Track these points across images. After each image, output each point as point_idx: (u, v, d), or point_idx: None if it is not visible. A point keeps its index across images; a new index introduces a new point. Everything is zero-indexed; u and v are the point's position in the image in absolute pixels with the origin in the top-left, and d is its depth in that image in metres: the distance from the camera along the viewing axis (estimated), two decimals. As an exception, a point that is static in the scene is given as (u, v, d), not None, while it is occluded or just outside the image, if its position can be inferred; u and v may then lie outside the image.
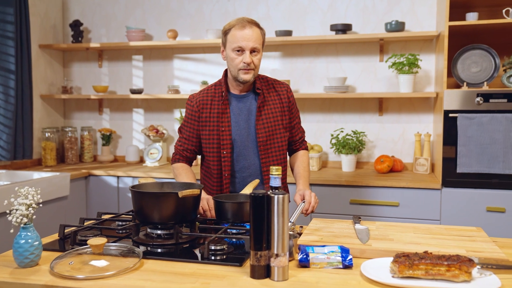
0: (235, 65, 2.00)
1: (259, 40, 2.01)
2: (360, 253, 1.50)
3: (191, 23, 3.92)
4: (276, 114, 2.12)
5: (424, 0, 3.47)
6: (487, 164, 2.87)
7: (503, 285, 1.24)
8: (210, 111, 2.09)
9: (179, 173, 2.13)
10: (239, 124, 2.08)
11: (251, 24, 1.99)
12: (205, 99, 2.11)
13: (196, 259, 1.47)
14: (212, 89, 2.15)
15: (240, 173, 2.10)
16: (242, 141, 2.08)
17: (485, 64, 3.07)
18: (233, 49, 1.99)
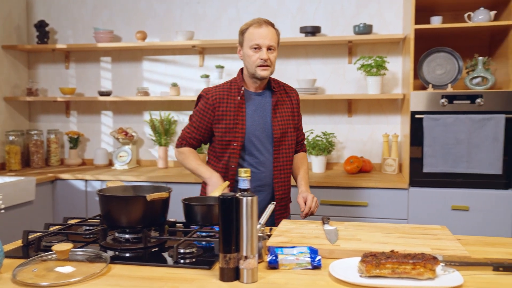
0: (253, 62, 2.08)
1: (275, 39, 2.10)
2: (329, 253, 1.51)
3: (161, 25, 3.89)
4: (288, 114, 2.23)
5: (391, 4, 3.54)
6: (451, 164, 2.94)
7: (465, 281, 1.28)
8: (226, 105, 2.14)
9: (187, 156, 2.20)
10: (254, 120, 2.16)
11: (267, 24, 2.09)
12: (221, 95, 2.16)
13: (165, 263, 1.46)
14: (227, 85, 2.21)
15: (248, 165, 2.17)
16: (256, 137, 2.16)
17: (449, 67, 3.15)
18: (250, 46, 2.07)
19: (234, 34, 3.78)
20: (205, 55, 3.86)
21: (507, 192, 2.91)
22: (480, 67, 3.06)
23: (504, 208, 2.90)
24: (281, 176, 2.21)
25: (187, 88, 3.90)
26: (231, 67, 3.82)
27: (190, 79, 3.90)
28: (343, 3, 3.61)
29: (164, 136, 3.81)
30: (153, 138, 3.89)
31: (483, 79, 3.07)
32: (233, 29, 3.78)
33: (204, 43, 3.63)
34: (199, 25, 3.84)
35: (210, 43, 3.62)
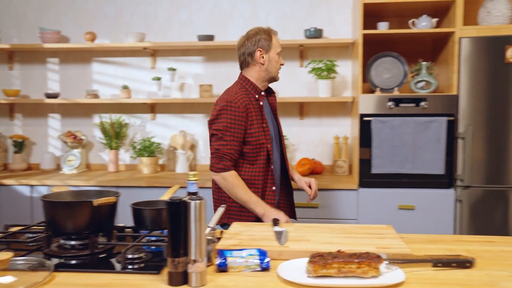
0: (278, 66, 2.30)
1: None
2: (278, 255, 1.53)
3: (110, 26, 3.81)
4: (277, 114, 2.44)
5: (340, 10, 3.63)
6: (398, 165, 3.05)
7: (407, 278, 1.33)
8: (252, 110, 2.23)
9: (237, 184, 2.16)
10: (270, 121, 2.33)
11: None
12: (246, 100, 2.22)
13: (112, 269, 1.43)
14: (243, 91, 2.26)
15: (275, 165, 2.31)
16: (274, 136, 2.32)
17: (396, 71, 3.26)
18: (278, 52, 2.28)
19: (187, 37, 3.76)
20: (157, 57, 3.82)
21: (449, 191, 3.05)
22: (424, 72, 3.19)
23: (447, 206, 3.03)
24: (286, 175, 2.42)
25: (138, 90, 3.84)
26: (183, 69, 3.79)
27: (141, 81, 3.84)
28: (294, 8, 3.67)
29: (115, 139, 3.74)
30: (104, 142, 3.80)
31: (427, 83, 3.20)
32: (185, 31, 3.76)
33: (156, 45, 3.59)
34: (151, 27, 3.79)
35: (162, 45, 3.58)
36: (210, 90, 3.58)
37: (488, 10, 3.11)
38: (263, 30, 2.28)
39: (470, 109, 3.00)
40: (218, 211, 1.69)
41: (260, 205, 2.14)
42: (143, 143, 3.65)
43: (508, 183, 3.00)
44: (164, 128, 3.86)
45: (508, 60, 2.94)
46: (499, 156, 3.00)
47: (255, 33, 2.27)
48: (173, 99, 3.62)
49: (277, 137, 2.35)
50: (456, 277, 1.35)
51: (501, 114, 2.98)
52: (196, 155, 3.84)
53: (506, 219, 3.01)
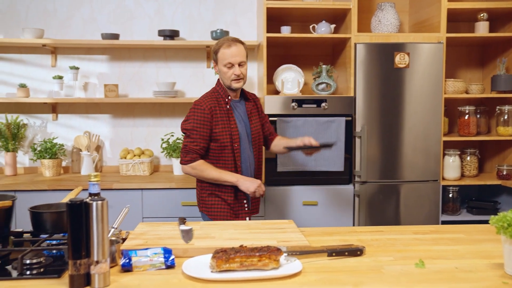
0: (228, 77, 2.40)
1: (244, 54, 2.41)
2: (183, 252, 1.56)
3: (4, 20, 3.58)
4: (257, 117, 2.57)
5: (245, 13, 3.72)
6: (301, 163, 3.20)
7: (304, 267, 1.42)
8: (218, 112, 2.40)
9: (206, 167, 2.37)
10: (241, 123, 2.46)
11: (236, 42, 2.40)
12: (213, 103, 2.41)
13: (10, 277, 1.37)
14: (214, 95, 2.46)
15: (244, 163, 2.46)
16: (244, 137, 2.45)
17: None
18: (224, 65, 2.38)
19: (89, 34, 3.64)
20: (58, 55, 3.65)
21: (349, 186, 3.26)
22: (324, 74, 3.38)
23: (346, 201, 3.24)
24: (260, 170, 2.58)
25: (37, 89, 3.65)
26: (87, 68, 3.67)
27: (41, 80, 3.65)
28: (200, 9, 3.70)
29: (12, 141, 3.51)
30: (-1, 144, 3.56)
31: (327, 85, 3.40)
32: (88, 29, 3.64)
33: (56, 43, 3.43)
34: (49, 23, 3.62)
35: (63, 42, 3.44)
36: (115, 90, 3.50)
37: (378, 19, 3.38)
38: (218, 42, 2.43)
39: (365, 110, 3.24)
40: (123, 211, 1.68)
41: (232, 175, 2.37)
42: (44, 144, 3.47)
43: (399, 178, 3.28)
44: (67, 128, 3.70)
45: (397, 65, 3.22)
46: (391, 153, 3.27)
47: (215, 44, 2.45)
48: (77, 98, 3.49)
49: (248, 138, 2.48)
50: (348, 264, 1.47)
51: (392, 114, 3.25)
52: (102, 157, 3.73)
53: (397, 211, 3.28)
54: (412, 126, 3.26)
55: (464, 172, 3.54)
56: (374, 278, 1.35)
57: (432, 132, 3.28)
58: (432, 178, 3.30)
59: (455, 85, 3.42)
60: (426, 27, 3.52)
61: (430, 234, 1.84)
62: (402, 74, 3.23)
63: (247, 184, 2.34)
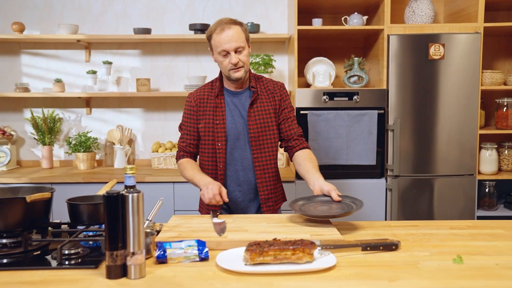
0: (225, 66, 2.07)
1: (241, 38, 2.04)
2: (216, 245, 1.57)
3: (40, 17, 3.67)
4: (270, 111, 2.17)
5: (276, 5, 3.70)
6: (333, 156, 3.17)
7: (338, 261, 1.41)
8: (206, 105, 2.15)
9: (184, 167, 2.16)
10: (234, 119, 2.15)
11: (229, 25, 2.03)
12: (201, 95, 2.17)
13: (49, 266, 1.41)
14: (209, 86, 2.21)
15: (233, 166, 2.16)
16: (236, 135, 2.14)
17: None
18: (218, 53, 2.05)
19: (122, 30, 3.69)
20: (92, 50, 3.72)
21: (380, 180, 3.21)
22: (356, 67, 3.33)
23: (378, 195, 3.20)
24: (265, 176, 2.17)
25: (72, 84, 3.73)
26: (119, 63, 3.72)
27: (75, 75, 3.73)
28: (231, 3, 3.70)
29: (48, 134, 3.61)
30: (36, 137, 3.66)
31: (359, 77, 3.35)
32: (120, 24, 3.69)
33: (90, 38, 3.49)
34: (84, 19, 3.68)
35: (96, 38, 3.49)
36: (147, 84, 3.54)
37: (412, 9, 3.30)
38: (210, 26, 2.09)
39: (398, 103, 3.18)
40: (157, 204, 1.70)
41: (202, 179, 2.04)
42: (79, 138, 3.55)
43: (432, 172, 3.21)
44: (101, 122, 3.77)
45: (431, 56, 3.14)
46: (425, 147, 3.20)
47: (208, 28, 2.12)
48: (110, 93, 3.54)
49: (245, 137, 2.14)
50: (382, 259, 1.45)
51: (426, 108, 3.17)
52: (134, 150, 3.78)
53: (431, 205, 3.22)
54: (447, 119, 3.18)
55: (501, 166, 3.43)
56: (410, 273, 1.32)
57: (468, 125, 3.19)
58: (467, 172, 3.22)
59: (492, 77, 3.32)
60: (462, 17, 3.41)
61: (467, 229, 1.80)
62: (437, 66, 3.15)
63: (204, 192, 1.95)
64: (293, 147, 2.22)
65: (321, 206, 1.86)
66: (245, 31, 2.09)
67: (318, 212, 1.79)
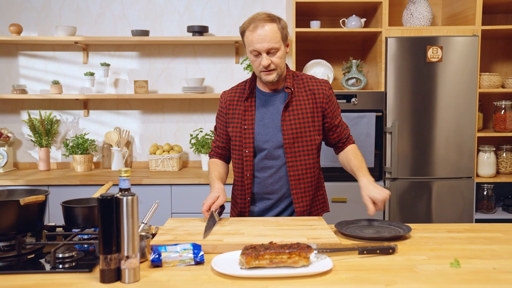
0: (256, 67, 1.93)
1: (276, 38, 1.86)
2: (212, 248, 1.55)
3: (38, 18, 3.66)
4: (307, 114, 1.97)
5: (274, 8, 3.70)
6: (331, 159, 3.16)
7: (335, 265, 1.39)
8: (236, 107, 2.03)
9: (208, 168, 2.12)
10: (265, 123, 1.98)
11: (263, 22, 1.86)
12: (232, 96, 2.05)
13: (43, 270, 1.39)
14: (242, 85, 2.08)
15: (262, 173, 2.01)
16: (267, 141, 1.98)
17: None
18: (250, 52, 1.91)
19: (120, 31, 3.68)
20: (89, 52, 3.71)
21: (379, 183, 3.19)
22: (354, 69, 3.33)
23: (376, 198, 3.18)
24: (301, 187, 2.00)
25: (70, 86, 3.72)
26: (117, 65, 3.71)
27: (73, 76, 3.72)
28: (229, 5, 3.69)
29: (46, 136, 3.59)
30: (33, 139, 3.64)
31: (357, 80, 3.34)
32: (118, 26, 3.68)
33: (88, 40, 3.48)
34: (82, 21, 3.67)
35: (94, 39, 3.49)
36: (145, 86, 3.53)
37: (410, 12, 3.30)
38: (245, 21, 1.94)
39: (396, 105, 3.17)
40: (152, 207, 1.69)
41: (215, 183, 1.97)
42: (76, 140, 3.54)
43: (431, 175, 3.20)
44: (98, 124, 3.76)
45: (429, 59, 3.13)
46: (423, 150, 3.19)
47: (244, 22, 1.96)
48: (107, 95, 3.53)
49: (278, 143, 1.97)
50: (379, 263, 1.44)
51: (424, 110, 3.17)
52: (132, 152, 3.77)
53: (429, 208, 3.21)
54: (445, 121, 3.17)
55: (499, 169, 3.43)
56: (407, 277, 1.31)
57: (466, 127, 3.19)
58: (465, 175, 3.21)
59: (490, 79, 3.31)
60: (460, 20, 3.41)
61: (465, 232, 1.79)
62: (435, 68, 3.15)
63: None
64: (339, 149, 2.13)
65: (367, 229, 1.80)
66: (282, 29, 1.90)
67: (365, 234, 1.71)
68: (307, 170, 2.00)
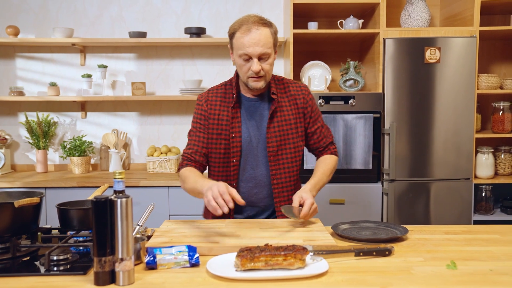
0: (244, 72, 1.83)
1: (269, 43, 1.78)
2: (208, 250, 1.55)
3: (35, 20, 3.65)
4: (290, 122, 1.94)
5: (272, 9, 3.69)
6: (329, 161, 3.15)
7: (330, 267, 1.39)
8: (219, 113, 1.90)
9: (186, 176, 1.82)
10: (249, 131, 1.91)
11: (257, 25, 1.76)
12: (213, 98, 1.93)
13: (38, 272, 1.38)
14: (222, 88, 1.96)
15: (246, 183, 1.95)
16: (250, 149, 1.91)
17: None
18: (239, 55, 1.80)
19: (117, 33, 3.68)
20: (87, 53, 3.70)
21: (377, 185, 3.20)
22: (352, 71, 3.32)
23: (374, 199, 3.18)
24: (284, 194, 1.98)
25: (67, 88, 3.71)
26: (115, 66, 3.71)
27: (70, 78, 3.71)
28: (227, 6, 3.69)
29: (43, 138, 3.58)
30: (30, 141, 3.63)
31: (355, 81, 3.34)
32: (116, 27, 3.68)
33: (85, 42, 3.48)
34: (79, 23, 3.67)
35: (91, 41, 3.48)
36: (143, 88, 3.53)
37: (408, 13, 3.30)
38: (235, 22, 1.83)
39: (394, 107, 3.16)
40: (148, 209, 1.68)
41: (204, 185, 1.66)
42: (74, 142, 3.53)
43: (429, 176, 3.19)
44: (96, 126, 3.75)
45: (427, 60, 3.13)
46: (421, 151, 3.18)
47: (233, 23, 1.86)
48: (105, 97, 3.53)
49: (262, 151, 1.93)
50: (375, 264, 1.43)
51: (422, 111, 3.16)
52: (129, 154, 3.76)
53: (427, 209, 3.20)
54: (443, 123, 3.17)
55: (498, 171, 3.42)
56: (403, 279, 1.30)
57: (464, 129, 3.18)
58: (464, 177, 3.21)
59: (488, 80, 3.31)
60: (458, 21, 3.41)
61: (462, 234, 1.78)
62: (433, 69, 3.14)
63: (208, 194, 1.58)
64: (317, 156, 2.09)
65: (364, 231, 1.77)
66: (274, 34, 1.83)
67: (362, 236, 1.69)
68: (290, 178, 1.99)
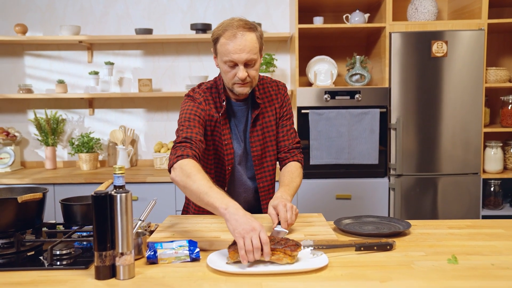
0: (229, 78, 1.74)
1: (255, 49, 1.70)
2: (209, 245, 1.55)
3: (42, 18, 3.68)
4: (272, 123, 1.92)
5: (277, 4, 3.68)
6: (335, 156, 3.15)
7: (330, 262, 1.38)
8: (211, 118, 1.83)
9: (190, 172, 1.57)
10: (237, 136, 1.88)
11: (242, 30, 1.67)
12: (208, 99, 1.84)
13: (41, 267, 1.40)
14: (208, 92, 1.86)
15: (237, 188, 1.94)
16: (238, 154, 1.89)
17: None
18: (224, 62, 1.71)
19: (124, 30, 3.70)
20: (94, 51, 3.73)
21: (383, 180, 3.18)
22: (358, 65, 3.30)
23: (381, 194, 3.16)
24: (270, 196, 1.96)
25: (75, 85, 3.74)
26: (121, 63, 3.73)
27: (78, 76, 3.74)
28: (232, 2, 3.69)
29: (52, 135, 3.62)
30: (39, 138, 3.67)
31: (361, 76, 3.32)
32: (122, 25, 3.70)
33: (92, 39, 3.50)
34: (86, 20, 3.69)
35: (98, 38, 3.50)
36: (149, 85, 3.54)
37: (415, 6, 3.27)
38: (219, 25, 1.73)
39: (401, 101, 3.14)
40: (150, 204, 1.69)
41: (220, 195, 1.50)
42: (82, 139, 3.56)
43: (436, 171, 3.17)
44: (103, 123, 3.78)
45: (434, 54, 3.10)
46: (428, 146, 3.16)
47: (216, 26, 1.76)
48: (112, 93, 3.55)
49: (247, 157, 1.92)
50: (376, 259, 1.42)
51: (429, 106, 3.14)
52: (137, 150, 3.79)
53: (435, 205, 3.18)
54: (450, 117, 3.14)
55: (507, 165, 3.38)
56: (403, 273, 1.30)
57: (472, 123, 3.15)
58: (472, 171, 3.18)
59: (497, 74, 3.27)
60: (466, 14, 3.37)
61: (466, 229, 1.76)
62: (440, 63, 3.11)
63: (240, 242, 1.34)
64: (284, 159, 1.97)
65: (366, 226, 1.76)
66: (260, 38, 1.74)
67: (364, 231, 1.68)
68: (272, 180, 1.99)
